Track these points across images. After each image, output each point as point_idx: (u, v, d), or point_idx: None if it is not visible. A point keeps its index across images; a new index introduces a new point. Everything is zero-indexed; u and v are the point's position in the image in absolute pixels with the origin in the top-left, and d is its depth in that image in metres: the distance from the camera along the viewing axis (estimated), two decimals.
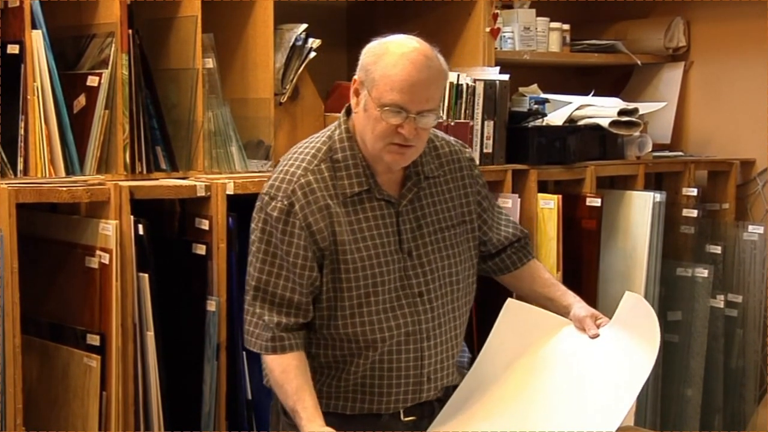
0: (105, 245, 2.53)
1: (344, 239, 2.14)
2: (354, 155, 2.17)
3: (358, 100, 2.14)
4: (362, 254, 2.14)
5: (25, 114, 2.62)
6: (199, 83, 2.86)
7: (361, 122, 2.14)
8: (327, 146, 2.18)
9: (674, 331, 3.68)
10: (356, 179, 2.16)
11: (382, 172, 2.19)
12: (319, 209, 2.13)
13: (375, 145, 2.11)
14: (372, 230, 2.16)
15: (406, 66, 2.05)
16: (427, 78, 2.08)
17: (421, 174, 2.23)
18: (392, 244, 2.17)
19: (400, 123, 2.07)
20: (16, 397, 2.39)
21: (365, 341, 2.17)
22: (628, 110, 3.58)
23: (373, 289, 2.15)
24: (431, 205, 2.24)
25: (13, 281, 2.39)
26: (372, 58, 2.10)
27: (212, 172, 2.91)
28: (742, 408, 3.81)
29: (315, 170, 2.15)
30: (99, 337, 2.53)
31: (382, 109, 2.06)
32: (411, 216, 2.20)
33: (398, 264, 2.17)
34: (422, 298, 2.19)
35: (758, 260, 3.79)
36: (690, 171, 3.79)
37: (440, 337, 2.22)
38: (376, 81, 2.07)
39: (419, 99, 2.07)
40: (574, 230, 3.37)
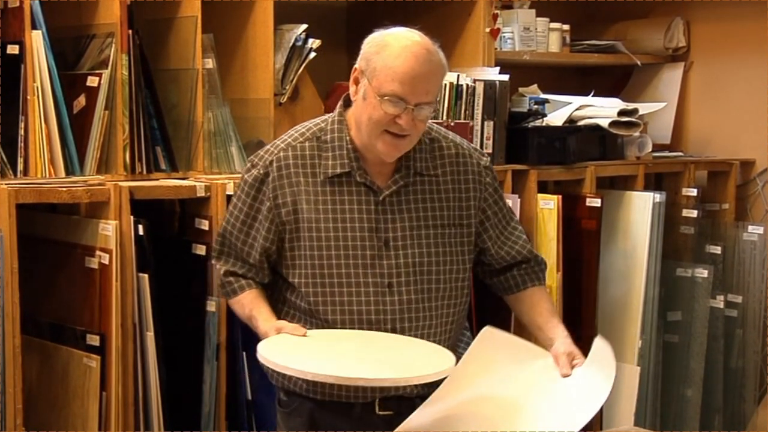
0: (105, 245, 2.53)
1: (310, 216, 2.18)
2: (341, 138, 2.21)
3: (357, 88, 2.17)
4: (329, 234, 2.18)
5: (25, 114, 2.62)
6: (199, 83, 2.86)
7: (358, 110, 2.17)
8: (318, 128, 2.25)
9: (674, 331, 3.68)
10: (339, 161, 2.20)
11: (373, 162, 2.21)
12: (290, 184, 2.20)
13: (371, 132, 2.14)
14: (345, 213, 2.19)
15: (408, 58, 2.09)
16: (427, 71, 2.12)
17: (411, 168, 2.24)
18: (366, 230, 2.19)
19: (398, 113, 2.10)
20: (16, 397, 2.40)
21: (326, 320, 2.19)
22: (627, 110, 3.58)
23: (337, 270, 2.18)
24: (420, 201, 2.24)
25: (13, 281, 2.40)
26: (374, 48, 2.14)
27: (212, 173, 2.91)
28: (741, 408, 3.81)
29: (297, 146, 2.22)
30: (99, 338, 2.53)
31: (382, 98, 2.09)
32: (394, 207, 2.22)
33: (370, 251, 2.19)
34: (391, 289, 2.20)
35: (758, 260, 3.80)
36: (690, 171, 3.79)
37: (409, 331, 2.21)
38: (377, 71, 2.11)
39: (418, 91, 2.10)
40: (574, 230, 3.38)
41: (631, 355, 3.46)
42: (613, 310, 3.50)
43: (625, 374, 3.45)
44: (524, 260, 2.39)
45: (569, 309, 3.34)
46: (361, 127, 2.17)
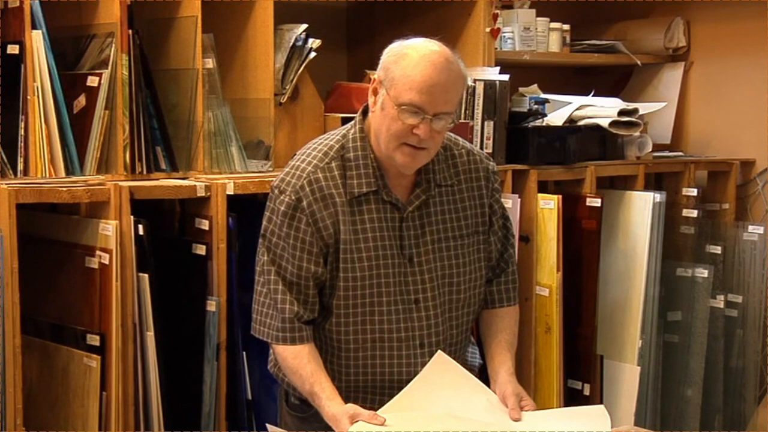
0: (105, 245, 2.54)
1: (346, 238, 2.15)
2: (365, 155, 2.17)
3: (376, 99, 2.14)
4: (362, 255, 2.15)
5: (25, 114, 2.62)
6: (199, 83, 2.86)
7: (377, 121, 2.14)
8: (340, 144, 2.19)
9: (674, 331, 3.68)
10: (365, 179, 2.16)
11: (393, 175, 2.19)
12: (326, 206, 2.15)
13: (389, 144, 2.11)
14: (375, 232, 2.16)
15: (426, 67, 2.07)
16: (446, 80, 2.09)
17: (432, 181, 2.22)
18: (393, 248, 2.17)
19: (416, 124, 2.07)
20: (16, 397, 2.40)
21: (355, 341, 2.18)
22: (628, 110, 3.58)
23: (369, 290, 2.16)
24: (440, 213, 2.23)
25: (13, 281, 2.40)
26: (393, 57, 2.11)
27: (212, 173, 2.91)
28: (742, 408, 3.81)
29: (325, 168, 2.17)
30: (99, 338, 2.53)
31: (400, 108, 2.07)
32: (417, 222, 2.20)
33: (397, 269, 2.18)
34: (417, 305, 2.19)
35: (758, 260, 3.79)
36: (690, 171, 3.79)
37: (435, 345, 2.21)
38: (395, 80, 2.08)
39: (437, 101, 2.08)
40: (574, 230, 3.38)
41: (631, 354, 3.46)
42: (614, 310, 3.50)
43: (626, 374, 3.46)
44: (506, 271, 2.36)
45: (569, 309, 3.35)
46: (379, 138, 2.14)
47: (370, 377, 2.20)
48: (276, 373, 2.31)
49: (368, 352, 2.19)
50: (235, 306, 2.73)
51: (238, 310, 2.74)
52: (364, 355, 2.19)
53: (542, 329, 3.33)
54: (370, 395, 2.20)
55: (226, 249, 2.71)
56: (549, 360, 3.32)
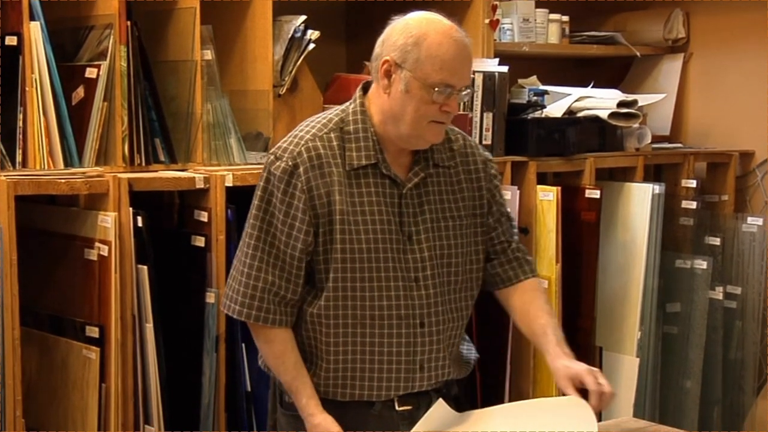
0: (104, 237, 2.54)
1: (343, 209, 2.13)
2: (365, 128, 2.17)
3: (390, 81, 2.13)
4: (359, 227, 2.14)
5: (24, 106, 2.62)
6: (197, 75, 2.86)
7: (398, 103, 2.12)
8: (339, 118, 2.20)
9: (673, 322, 3.69)
10: (365, 152, 2.16)
11: (392, 152, 2.18)
12: (322, 175, 2.13)
13: (417, 124, 2.12)
14: (373, 206, 2.15)
15: (450, 45, 2.09)
16: (467, 54, 2.14)
17: (430, 160, 2.22)
18: (392, 224, 2.17)
19: (447, 101, 2.10)
20: (15, 389, 2.40)
21: (354, 317, 2.15)
22: (627, 102, 3.59)
23: (368, 265, 2.14)
24: (437, 193, 2.23)
25: (12, 273, 2.40)
26: (410, 39, 2.10)
27: (211, 164, 2.91)
28: (741, 400, 3.82)
29: (324, 137, 2.16)
30: (98, 329, 2.54)
31: (432, 89, 2.08)
32: (415, 200, 2.20)
33: (396, 245, 2.16)
34: (417, 284, 2.18)
35: (757, 252, 3.80)
36: (689, 163, 3.79)
37: (435, 325, 2.20)
38: (421, 61, 2.08)
39: (464, 75, 2.13)
40: (574, 222, 3.38)
41: (630, 346, 3.47)
42: (613, 302, 3.50)
43: (625, 366, 3.46)
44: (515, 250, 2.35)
45: (568, 301, 3.35)
46: (400, 119, 2.12)
47: (368, 357, 2.17)
48: (268, 368, 2.26)
49: (366, 329, 2.16)
50: None
51: None
52: (362, 332, 2.16)
53: None
54: (368, 381, 2.18)
55: (225, 241, 2.71)
56: None
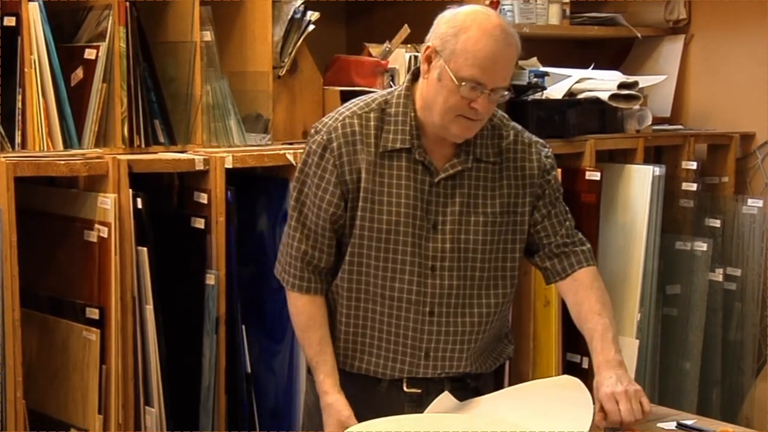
0: (104, 219, 2.53)
1: (368, 187, 2.16)
2: (406, 113, 2.18)
3: (430, 67, 2.13)
4: (382, 207, 2.15)
5: (23, 87, 2.61)
6: (197, 56, 2.85)
7: (432, 90, 2.13)
8: (383, 99, 2.22)
9: (673, 304, 3.69)
10: (401, 135, 2.17)
11: (433, 141, 2.18)
12: (354, 152, 2.17)
13: (445, 115, 2.12)
14: (401, 189, 2.16)
15: (488, 42, 2.07)
16: (506, 55, 2.10)
17: (471, 154, 2.20)
18: (418, 209, 2.17)
19: (475, 98, 2.08)
20: (15, 370, 2.40)
21: (366, 292, 2.18)
22: (627, 83, 3.58)
23: (385, 245, 2.16)
24: (474, 188, 2.21)
25: (12, 255, 2.40)
26: (452, 29, 2.09)
27: (211, 146, 2.91)
28: (740, 381, 3.83)
29: (363, 116, 2.19)
30: (98, 311, 2.54)
31: (460, 83, 2.07)
32: (448, 191, 2.19)
33: (418, 231, 2.17)
34: (434, 272, 2.18)
35: (757, 234, 3.80)
36: (690, 144, 3.78)
37: (446, 316, 2.20)
38: (456, 53, 2.07)
39: (497, 76, 2.09)
40: (574, 204, 3.34)
41: (630, 328, 3.47)
42: (613, 284, 3.50)
43: (624, 347, 3.46)
44: (563, 245, 2.31)
45: None
46: (432, 107, 2.13)
47: (376, 334, 2.20)
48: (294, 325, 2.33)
49: (377, 307, 2.18)
50: (235, 280, 2.73)
51: (237, 284, 2.74)
52: (373, 309, 2.19)
53: (541, 303, 3.33)
54: (375, 358, 2.21)
55: (225, 222, 2.71)
56: (548, 334, 3.33)
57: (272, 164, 2.79)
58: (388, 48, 3.21)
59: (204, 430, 2.69)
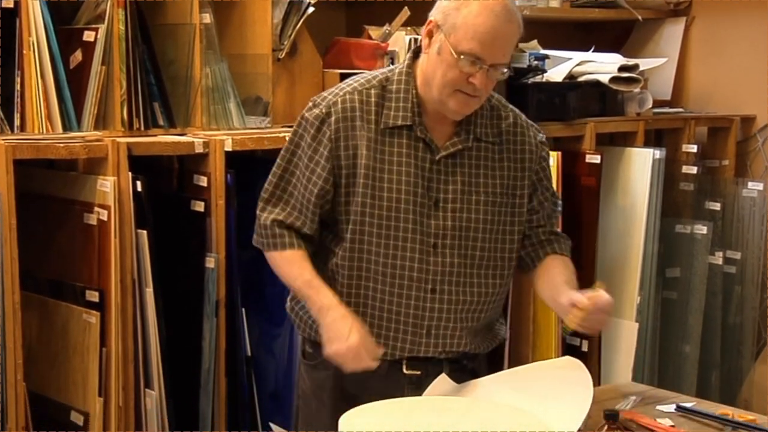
0: (103, 202, 2.53)
1: (369, 164, 2.14)
2: (407, 90, 2.17)
3: (431, 41, 2.12)
4: (383, 185, 2.14)
5: (21, 69, 2.61)
6: (196, 39, 2.84)
7: (432, 64, 2.12)
8: (384, 76, 2.20)
9: (673, 287, 3.69)
10: (402, 113, 2.16)
11: (433, 118, 2.17)
12: (353, 128, 2.15)
13: (442, 90, 2.11)
14: (402, 166, 2.15)
15: (489, 17, 2.06)
16: (507, 31, 2.10)
17: (471, 133, 2.20)
18: (419, 187, 2.16)
19: (474, 72, 2.07)
20: (16, 353, 2.41)
21: (368, 271, 2.16)
22: (628, 66, 3.56)
23: (387, 222, 2.15)
24: (475, 167, 2.20)
25: (11, 237, 2.39)
26: (454, 3, 2.09)
27: (210, 129, 2.90)
28: (739, 364, 3.84)
29: (363, 92, 2.17)
30: (98, 294, 2.54)
31: (459, 56, 2.06)
32: (449, 168, 2.18)
33: (420, 208, 2.16)
34: (435, 250, 2.17)
35: (757, 217, 3.79)
36: (690, 127, 3.78)
37: (448, 294, 2.19)
38: (456, 27, 2.07)
39: (496, 52, 2.08)
40: (574, 187, 3.37)
41: (629, 311, 3.47)
42: (612, 267, 3.50)
43: (624, 330, 3.47)
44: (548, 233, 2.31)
45: None
46: (431, 82, 2.13)
47: (377, 313, 2.18)
48: (291, 308, 2.29)
49: (378, 285, 2.17)
50: (234, 263, 2.73)
51: (237, 267, 2.74)
52: (374, 288, 2.17)
53: None
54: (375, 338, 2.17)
55: (224, 206, 2.71)
56: (547, 317, 3.33)
57: (272, 147, 2.77)
58: (388, 30, 3.20)
59: (204, 413, 2.69)
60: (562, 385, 2.12)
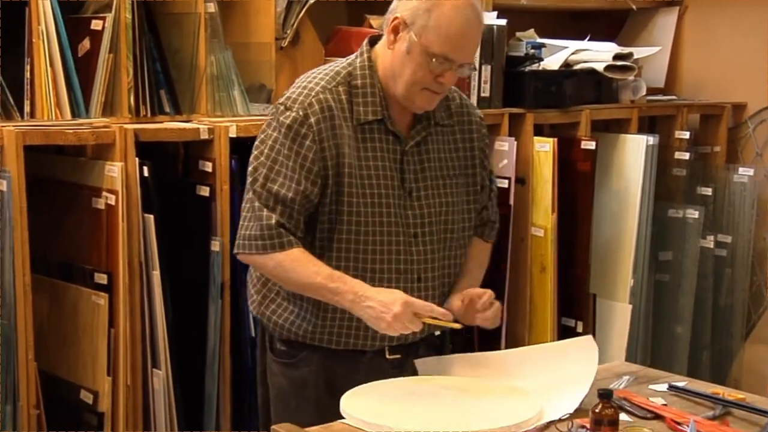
0: (111, 186, 2.53)
1: (351, 162, 2.12)
2: (373, 84, 2.15)
3: (397, 38, 2.11)
4: (365, 182, 2.13)
5: (31, 57, 2.60)
6: (201, 28, 2.84)
7: (399, 62, 2.11)
8: (347, 71, 2.17)
9: (665, 270, 3.70)
10: (372, 107, 2.14)
11: (397, 109, 2.17)
12: (333, 127, 2.11)
13: (411, 87, 2.11)
14: (378, 161, 2.14)
15: (460, 20, 2.07)
16: (476, 33, 2.12)
17: (431, 119, 2.21)
18: (395, 180, 2.16)
19: (443, 72, 2.08)
20: (27, 334, 2.41)
21: (355, 269, 2.14)
22: (622, 54, 3.56)
23: (372, 219, 2.14)
24: (437, 152, 2.22)
25: (22, 221, 2.40)
26: (424, 4, 2.08)
27: (215, 116, 2.90)
28: (729, 344, 3.85)
29: (333, 90, 2.14)
30: (106, 276, 2.54)
31: (431, 58, 2.07)
32: (416, 158, 2.19)
33: (398, 200, 2.16)
34: (416, 239, 2.18)
35: (747, 202, 3.80)
36: (683, 114, 3.78)
37: (431, 281, 2.21)
38: (428, 28, 2.07)
39: (466, 53, 2.10)
40: (570, 173, 3.37)
41: (623, 293, 3.48)
42: (607, 250, 3.51)
43: (618, 312, 3.48)
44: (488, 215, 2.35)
45: (563, 249, 3.35)
46: (397, 78, 2.12)
47: None
48: (262, 312, 2.24)
49: (367, 282, 2.14)
50: None
51: None
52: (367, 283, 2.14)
53: (537, 269, 3.34)
54: (363, 331, 2.18)
55: (229, 190, 2.71)
56: (544, 298, 3.34)
57: None
58: None
59: (209, 392, 2.70)
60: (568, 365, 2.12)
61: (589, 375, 2.06)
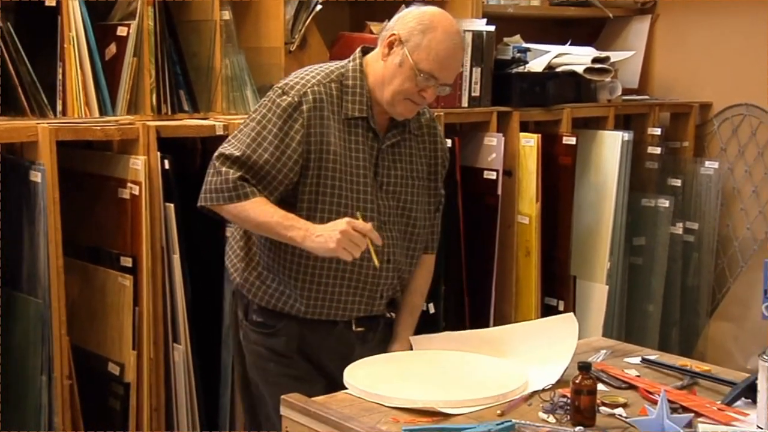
0: (135, 178, 2.53)
1: (337, 150, 2.15)
2: (362, 86, 2.19)
3: (390, 52, 2.15)
4: (346, 168, 2.16)
5: (63, 61, 2.60)
6: (217, 33, 2.83)
7: (390, 72, 2.15)
8: (340, 72, 2.21)
9: (638, 254, 3.70)
10: (359, 105, 2.18)
11: (377, 111, 2.21)
12: (321, 117, 2.14)
13: (396, 96, 2.15)
14: (359, 152, 2.18)
15: (449, 45, 2.13)
16: (460, 57, 2.20)
17: (407, 126, 2.25)
18: (370, 171, 2.20)
19: (426, 88, 2.13)
20: (60, 311, 2.42)
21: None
22: (600, 58, 3.56)
23: (352, 203, 2.16)
24: (408, 155, 2.26)
25: (55, 210, 2.40)
26: (420, 26, 2.13)
27: (229, 113, 2.90)
28: (696, 321, 3.85)
29: (327, 85, 2.17)
30: (131, 260, 2.54)
31: (419, 73, 2.11)
32: (390, 156, 2.23)
33: (372, 189, 2.19)
34: (385, 226, 2.22)
35: (713, 192, 3.81)
36: (655, 113, 3.77)
37: (397, 264, 2.25)
38: (420, 47, 2.11)
39: (450, 74, 2.16)
40: (552, 166, 3.37)
41: (600, 275, 3.48)
42: (586, 236, 3.51)
43: (595, 292, 3.48)
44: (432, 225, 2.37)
45: (547, 235, 3.35)
46: (386, 86, 2.16)
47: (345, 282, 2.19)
48: (245, 279, 2.24)
49: (340, 264, 2.16)
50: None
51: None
52: (338, 262, 2.15)
53: (523, 253, 3.34)
54: (336, 303, 2.20)
55: None
56: (528, 280, 3.34)
57: None
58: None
59: (225, 364, 2.71)
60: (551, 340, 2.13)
61: (570, 349, 2.06)
